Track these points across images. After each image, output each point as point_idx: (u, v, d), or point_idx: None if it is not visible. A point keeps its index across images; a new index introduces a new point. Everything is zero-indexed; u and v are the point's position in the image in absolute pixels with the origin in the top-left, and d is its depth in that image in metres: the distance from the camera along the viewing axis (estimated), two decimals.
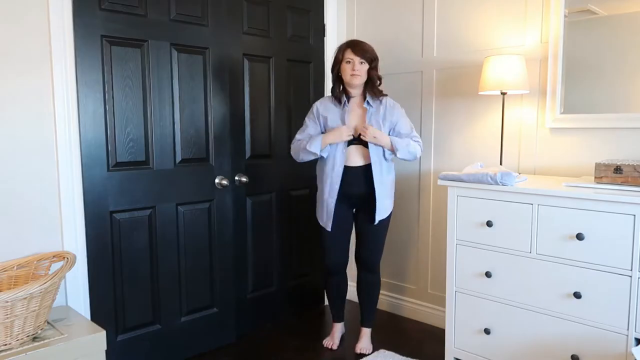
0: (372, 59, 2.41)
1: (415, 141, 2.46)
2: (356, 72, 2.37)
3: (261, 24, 2.85)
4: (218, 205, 2.64)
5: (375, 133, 2.36)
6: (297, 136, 2.54)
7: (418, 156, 2.48)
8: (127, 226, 2.33)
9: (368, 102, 2.44)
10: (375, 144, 2.38)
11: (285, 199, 3.06)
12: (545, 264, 2.03)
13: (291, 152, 2.54)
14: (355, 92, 2.46)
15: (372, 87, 2.44)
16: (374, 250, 2.58)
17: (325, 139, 2.39)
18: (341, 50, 2.42)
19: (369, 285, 2.65)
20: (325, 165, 2.46)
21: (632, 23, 2.17)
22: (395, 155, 2.41)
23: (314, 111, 2.51)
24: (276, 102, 2.96)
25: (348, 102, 2.45)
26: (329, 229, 2.50)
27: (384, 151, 2.41)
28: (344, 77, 2.42)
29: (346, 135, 2.36)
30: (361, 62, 2.38)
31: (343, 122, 2.42)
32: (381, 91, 2.46)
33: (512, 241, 2.12)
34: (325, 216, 2.50)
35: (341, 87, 2.46)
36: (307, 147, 2.40)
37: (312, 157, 2.44)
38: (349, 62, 2.38)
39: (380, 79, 2.46)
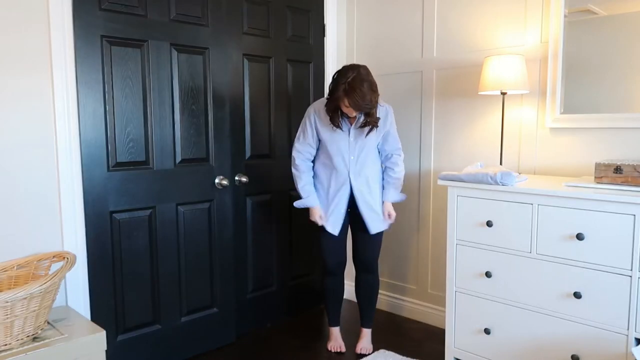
0: (369, 109, 2.27)
1: (397, 157, 2.51)
2: (353, 115, 2.32)
3: (261, 24, 2.85)
4: (218, 205, 2.64)
5: (393, 215, 2.54)
6: (297, 145, 2.51)
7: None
8: (127, 226, 2.33)
9: (360, 114, 2.36)
10: (360, 155, 2.42)
11: (285, 199, 3.06)
12: (545, 264, 2.03)
13: (292, 164, 2.54)
14: None
15: (368, 120, 2.35)
16: (371, 251, 2.57)
17: (307, 205, 2.50)
18: (340, 97, 2.22)
19: (368, 286, 2.65)
20: (326, 176, 2.48)
21: (632, 23, 2.17)
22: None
23: (311, 120, 2.45)
24: (276, 102, 2.96)
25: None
26: (336, 233, 2.49)
27: (348, 166, 2.43)
28: (341, 109, 2.31)
29: (318, 221, 2.49)
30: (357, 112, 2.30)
31: (348, 134, 2.40)
32: (377, 125, 2.37)
33: (512, 241, 2.12)
34: (334, 222, 2.48)
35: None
36: (296, 203, 2.52)
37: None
38: (347, 106, 2.25)
39: (377, 120, 2.36)
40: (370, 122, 2.35)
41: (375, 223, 2.49)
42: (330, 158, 2.45)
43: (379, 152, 2.53)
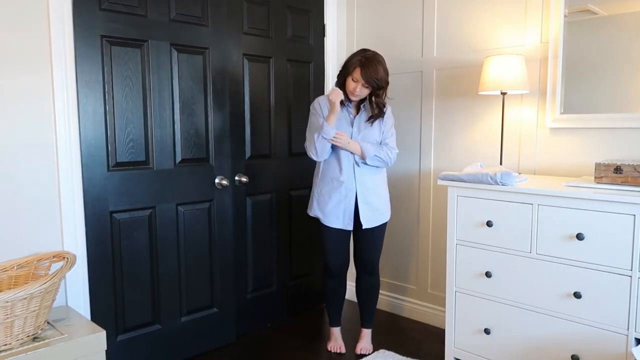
0: (378, 87, 2.33)
1: (390, 151, 2.45)
2: (356, 94, 2.34)
3: (261, 24, 2.85)
4: (218, 205, 2.64)
5: (342, 141, 2.33)
6: (309, 135, 2.46)
7: (390, 163, 2.47)
8: (127, 226, 2.33)
9: (364, 106, 2.45)
10: (347, 150, 2.39)
11: (285, 199, 3.06)
12: (545, 264, 2.03)
13: (309, 153, 2.43)
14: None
15: (374, 110, 2.40)
16: (372, 251, 2.57)
17: (327, 120, 2.33)
18: (353, 65, 2.32)
19: (369, 287, 2.65)
20: (331, 170, 2.45)
21: (632, 23, 2.17)
22: (365, 161, 2.40)
23: (317, 109, 2.45)
24: (276, 102, 2.96)
25: (351, 104, 2.45)
26: (350, 228, 2.49)
27: (354, 157, 2.42)
28: (347, 88, 2.37)
29: (336, 97, 2.28)
30: (365, 86, 2.32)
31: (352, 126, 2.43)
32: (382, 112, 2.43)
33: (512, 241, 2.12)
34: (344, 216, 2.46)
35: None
36: (323, 135, 2.32)
37: (328, 144, 2.37)
38: (355, 81, 2.32)
39: (383, 105, 2.41)
40: (377, 112, 2.40)
41: (369, 219, 2.47)
42: (334, 150, 2.44)
43: None
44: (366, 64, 2.29)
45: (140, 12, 2.29)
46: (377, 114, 2.42)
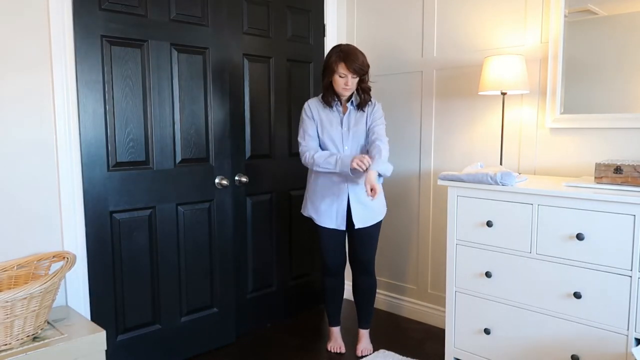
0: (364, 73, 2.38)
1: (383, 145, 2.40)
2: (349, 87, 2.37)
3: (261, 24, 2.85)
4: (218, 205, 2.64)
5: (378, 189, 2.24)
6: (303, 142, 2.45)
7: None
8: (127, 226, 2.33)
9: (352, 103, 2.47)
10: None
11: (285, 199, 3.06)
12: (545, 264, 2.03)
13: (305, 161, 2.42)
14: (345, 97, 2.47)
15: (363, 96, 2.44)
16: (367, 250, 2.55)
17: (345, 163, 2.30)
18: (334, 62, 2.35)
19: (366, 287, 2.64)
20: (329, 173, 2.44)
21: (631, 23, 2.17)
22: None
23: (308, 113, 2.46)
24: (276, 102, 2.96)
25: (340, 104, 2.47)
26: (343, 228, 2.48)
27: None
28: (335, 88, 2.39)
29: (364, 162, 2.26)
30: (353, 77, 2.36)
31: (341, 125, 2.43)
32: (370, 99, 2.47)
33: (512, 241, 2.12)
34: (337, 216, 2.46)
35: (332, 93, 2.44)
36: (337, 168, 2.32)
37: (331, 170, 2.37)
38: (343, 76, 2.35)
39: (369, 89, 2.46)
40: (367, 97, 2.44)
41: (362, 218, 2.46)
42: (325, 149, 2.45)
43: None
44: (347, 56, 2.33)
45: (140, 12, 2.29)
46: (366, 99, 2.45)
